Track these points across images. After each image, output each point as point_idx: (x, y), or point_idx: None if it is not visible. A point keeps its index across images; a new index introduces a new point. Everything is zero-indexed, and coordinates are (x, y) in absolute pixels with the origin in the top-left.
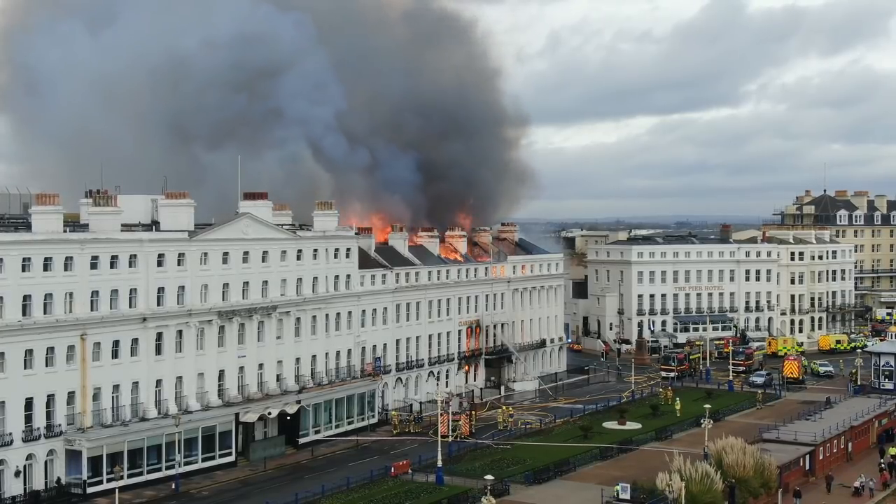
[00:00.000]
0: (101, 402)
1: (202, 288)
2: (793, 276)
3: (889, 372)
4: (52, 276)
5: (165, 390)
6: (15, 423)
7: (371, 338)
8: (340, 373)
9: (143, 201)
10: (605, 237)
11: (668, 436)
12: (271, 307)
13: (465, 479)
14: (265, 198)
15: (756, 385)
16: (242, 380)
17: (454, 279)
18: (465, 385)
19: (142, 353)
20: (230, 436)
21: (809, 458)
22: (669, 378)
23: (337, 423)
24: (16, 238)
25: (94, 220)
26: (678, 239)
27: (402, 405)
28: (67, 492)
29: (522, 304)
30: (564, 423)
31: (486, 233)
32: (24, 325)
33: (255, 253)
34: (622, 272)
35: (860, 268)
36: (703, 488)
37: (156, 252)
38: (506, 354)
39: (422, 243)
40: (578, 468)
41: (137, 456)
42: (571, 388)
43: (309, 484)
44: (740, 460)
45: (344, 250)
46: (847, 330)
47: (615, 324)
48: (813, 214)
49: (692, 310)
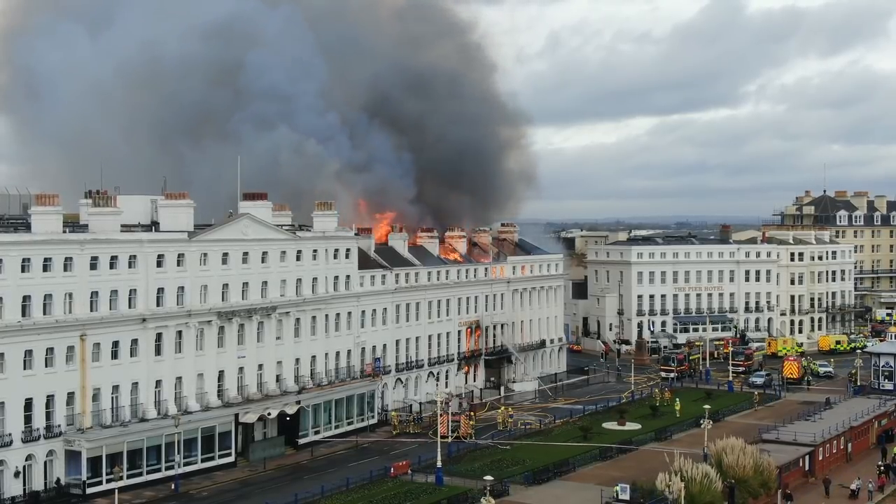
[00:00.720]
0: (100, 402)
1: (202, 288)
2: (792, 276)
3: (889, 372)
4: (51, 276)
5: (165, 391)
6: (14, 423)
7: (371, 338)
8: (340, 373)
9: (142, 202)
10: (605, 238)
11: (667, 436)
12: (271, 308)
13: (465, 480)
14: (265, 198)
15: (756, 385)
16: (242, 380)
17: (454, 280)
18: (464, 385)
19: (141, 353)
20: (230, 436)
21: (809, 458)
22: (669, 378)
23: (336, 424)
24: (15, 239)
25: (93, 221)
26: (678, 239)
27: (402, 406)
28: (67, 492)
29: (522, 304)
30: (564, 423)
31: (485, 233)
32: (23, 326)
33: (255, 253)
34: (622, 273)
35: (860, 268)
36: (703, 489)
37: (155, 253)
38: (506, 355)
39: (422, 244)
40: (578, 469)
41: (137, 456)
42: (571, 389)
43: (308, 484)
44: (740, 461)
45: (343, 251)
46: (847, 330)
47: (615, 324)
48: (813, 215)
49: (692, 310)
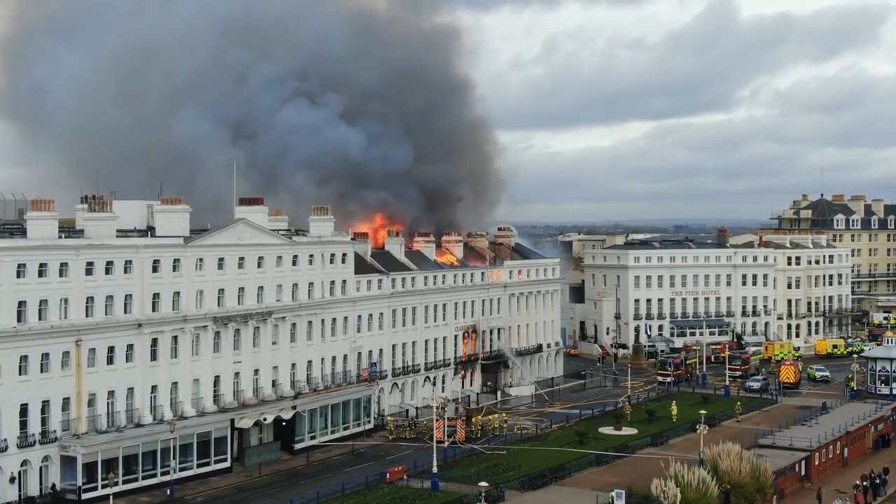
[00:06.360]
0: (96, 408)
1: (198, 294)
2: (790, 280)
3: (885, 377)
4: (47, 282)
5: (161, 396)
6: (10, 429)
7: (367, 343)
8: (336, 378)
9: (138, 207)
10: (602, 241)
11: (663, 441)
12: (267, 313)
13: (461, 485)
14: (261, 203)
15: (752, 390)
16: (238, 385)
17: (450, 284)
18: (461, 390)
19: (137, 358)
20: (225, 441)
21: (805, 463)
22: (666, 383)
23: (333, 429)
24: (11, 244)
25: (89, 226)
26: (675, 243)
27: (399, 410)
28: (62, 498)
29: (519, 308)
30: (560, 427)
31: (482, 237)
32: (19, 332)
33: (251, 258)
34: (619, 276)
35: (857, 272)
36: (699, 494)
37: (151, 258)
38: (502, 359)
39: (418, 248)
40: (574, 474)
41: (132, 462)
42: (568, 393)
43: (304, 489)
44: (736, 466)
45: (340, 255)
46: (844, 334)
47: (612, 328)
48: (810, 218)
49: (689, 314)
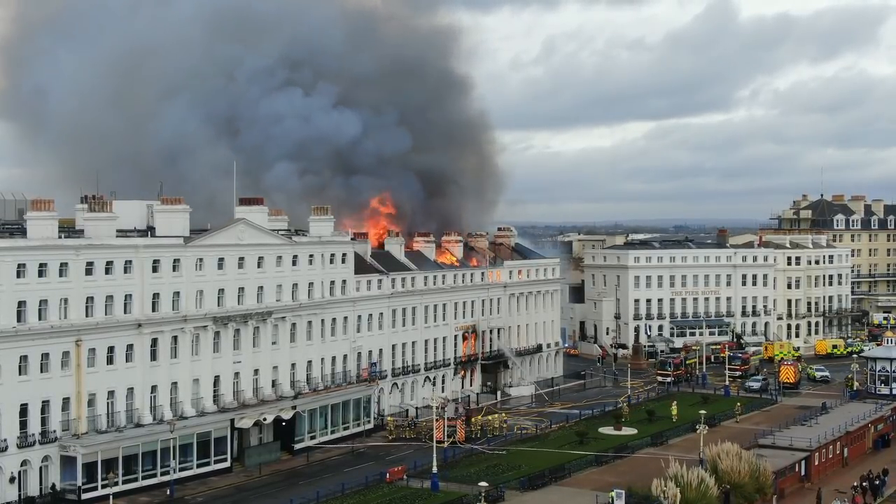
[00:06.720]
0: (96, 407)
1: (197, 294)
2: (789, 280)
3: (885, 377)
4: (47, 282)
5: (160, 396)
6: (10, 429)
7: (367, 343)
8: (336, 378)
9: (138, 206)
10: (602, 241)
11: (663, 441)
12: (267, 313)
13: (461, 485)
14: (261, 203)
15: (752, 390)
16: (238, 385)
17: (450, 284)
18: (461, 390)
19: (137, 358)
20: (225, 441)
21: (805, 463)
22: (666, 383)
23: (332, 429)
24: (11, 244)
25: (89, 226)
26: (675, 244)
27: (398, 410)
28: (62, 498)
29: (519, 308)
30: (560, 427)
31: (482, 237)
32: (18, 332)
33: (251, 258)
34: (619, 276)
35: (857, 272)
36: (699, 494)
37: (151, 258)
38: (502, 359)
39: (418, 248)
40: (573, 474)
41: (132, 462)
42: (568, 393)
43: (304, 489)
44: (735, 466)
45: (340, 255)
46: (844, 334)
47: (612, 328)
48: (810, 219)
49: (689, 314)
